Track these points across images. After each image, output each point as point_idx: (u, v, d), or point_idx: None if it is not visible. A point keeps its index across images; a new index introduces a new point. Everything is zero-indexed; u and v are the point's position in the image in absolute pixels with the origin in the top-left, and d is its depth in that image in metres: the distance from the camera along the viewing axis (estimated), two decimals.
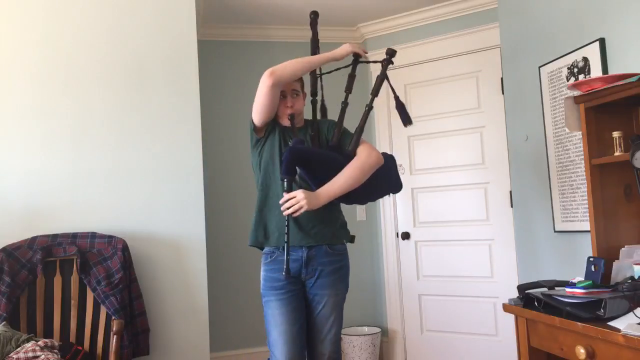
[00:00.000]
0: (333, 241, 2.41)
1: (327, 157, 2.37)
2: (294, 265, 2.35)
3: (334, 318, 2.40)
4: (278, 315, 2.33)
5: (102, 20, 3.01)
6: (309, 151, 2.36)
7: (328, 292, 2.38)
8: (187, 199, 3.03)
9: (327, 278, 2.38)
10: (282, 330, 2.31)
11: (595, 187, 2.25)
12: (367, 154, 2.37)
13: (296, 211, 2.25)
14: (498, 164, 3.70)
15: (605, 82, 2.14)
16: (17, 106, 2.88)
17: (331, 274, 2.38)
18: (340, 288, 2.43)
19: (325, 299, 2.38)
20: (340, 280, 2.43)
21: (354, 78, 2.50)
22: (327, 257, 2.38)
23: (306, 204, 2.24)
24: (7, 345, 2.34)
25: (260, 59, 4.16)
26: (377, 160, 2.39)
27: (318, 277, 2.37)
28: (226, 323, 3.91)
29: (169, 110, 3.05)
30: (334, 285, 2.39)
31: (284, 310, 2.33)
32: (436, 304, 3.94)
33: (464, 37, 3.86)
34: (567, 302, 1.98)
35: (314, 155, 2.35)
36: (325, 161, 2.36)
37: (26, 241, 2.71)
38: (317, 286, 2.37)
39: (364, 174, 2.35)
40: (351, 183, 2.33)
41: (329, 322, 2.39)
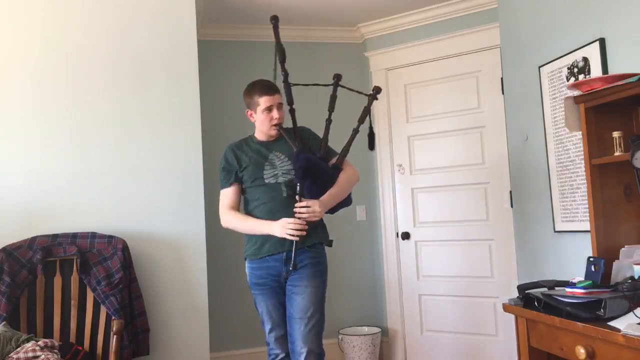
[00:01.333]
0: (312, 242, 2.57)
1: (326, 171, 2.58)
2: (275, 265, 2.55)
3: (313, 311, 2.50)
4: (265, 306, 2.59)
5: (102, 21, 3.01)
6: (317, 161, 2.55)
7: (306, 283, 2.52)
8: (187, 199, 3.03)
9: (305, 271, 2.53)
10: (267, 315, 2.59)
11: (595, 187, 2.25)
12: (354, 171, 2.69)
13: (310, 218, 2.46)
14: (498, 164, 3.70)
15: (605, 82, 2.14)
16: (17, 106, 2.88)
17: (309, 267, 2.54)
18: (319, 282, 2.57)
19: (300, 290, 2.51)
20: (319, 274, 2.58)
21: (335, 98, 2.70)
22: (305, 253, 2.54)
23: (319, 214, 2.48)
24: (7, 345, 2.34)
25: (260, 59, 4.15)
26: (358, 178, 2.74)
27: (297, 272, 2.52)
28: (226, 323, 3.91)
29: (169, 110, 3.05)
30: (312, 277, 2.54)
31: (268, 303, 2.58)
32: (436, 304, 3.94)
33: (464, 37, 3.86)
34: (567, 302, 1.98)
35: (318, 165, 2.54)
36: (325, 173, 2.56)
37: (26, 241, 2.71)
38: (295, 279, 2.53)
39: (351, 187, 2.68)
40: (342, 195, 2.63)
41: (308, 313, 2.49)
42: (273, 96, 2.58)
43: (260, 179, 2.57)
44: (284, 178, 2.55)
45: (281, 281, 2.56)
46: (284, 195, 2.53)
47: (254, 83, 2.66)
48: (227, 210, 2.63)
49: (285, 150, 2.61)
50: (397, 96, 4.13)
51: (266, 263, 2.56)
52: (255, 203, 2.59)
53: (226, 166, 2.65)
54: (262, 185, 2.57)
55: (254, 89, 2.61)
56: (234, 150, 2.67)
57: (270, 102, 2.56)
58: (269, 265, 2.55)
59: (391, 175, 4.16)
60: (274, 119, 2.57)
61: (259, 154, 2.62)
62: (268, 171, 2.57)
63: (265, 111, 2.57)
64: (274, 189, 2.55)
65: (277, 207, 2.52)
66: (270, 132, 2.61)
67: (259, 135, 2.68)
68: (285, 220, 2.46)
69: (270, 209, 2.54)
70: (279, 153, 2.61)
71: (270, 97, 2.57)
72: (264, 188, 2.56)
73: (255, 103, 2.59)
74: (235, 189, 2.64)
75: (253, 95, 2.60)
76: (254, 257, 2.59)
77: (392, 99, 4.16)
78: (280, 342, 2.58)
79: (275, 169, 2.58)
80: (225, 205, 2.64)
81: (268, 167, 2.58)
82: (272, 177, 2.56)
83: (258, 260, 2.57)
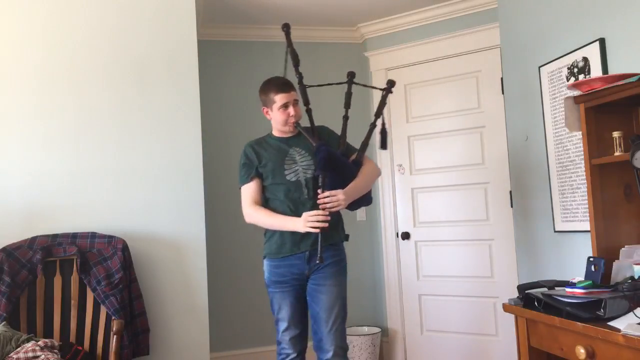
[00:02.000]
0: (334, 241, 2.58)
1: (347, 164, 2.58)
2: (298, 263, 2.54)
3: (339, 309, 2.54)
4: (282, 305, 2.56)
5: (102, 21, 3.00)
6: (338, 155, 2.55)
7: (330, 282, 2.53)
8: (187, 199, 3.03)
9: (328, 269, 2.54)
10: (284, 314, 2.56)
11: (595, 187, 2.25)
12: (374, 165, 2.72)
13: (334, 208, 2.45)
14: (498, 164, 3.70)
15: (605, 82, 2.14)
16: (18, 106, 2.88)
17: (332, 266, 2.55)
18: (342, 280, 2.59)
19: (325, 289, 2.52)
20: (342, 272, 2.60)
21: (351, 95, 2.73)
22: (327, 251, 2.53)
23: (343, 203, 2.47)
24: (7, 345, 2.34)
25: (260, 59, 4.16)
26: (379, 171, 2.79)
27: (319, 271, 2.53)
28: (226, 323, 3.91)
29: (169, 110, 3.05)
30: (336, 276, 2.56)
31: (287, 301, 2.55)
32: (436, 304, 3.94)
33: (464, 37, 3.86)
34: (567, 302, 1.98)
35: (339, 159, 2.54)
36: (345, 167, 2.56)
37: (26, 241, 2.71)
38: (319, 277, 2.53)
39: (372, 181, 2.68)
40: (365, 188, 2.62)
41: (334, 312, 2.52)
42: (289, 93, 2.57)
43: (281, 176, 2.56)
44: (305, 174, 2.55)
45: (303, 279, 2.55)
46: (305, 195, 2.53)
47: (269, 80, 2.64)
48: (250, 205, 2.61)
49: (305, 146, 2.60)
50: (397, 96, 4.12)
51: (288, 261, 2.54)
52: (276, 202, 2.58)
53: (246, 162, 2.63)
54: (282, 183, 2.55)
55: (270, 87, 2.60)
56: (253, 146, 2.65)
57: (286, 99, 2.56)
58: (292, 264, 2.54)
59: (391, 175, 4.16)
60: (290, 116, 2.57)
61: (279, 150, 2.61)
62: (289, 167, 2.56)
63: (282, 108, 2.57)
64: (295, 186, 2.54)
65: (298, 205, 2.52)
66: (288, 129, 2.61)
67: (277, 132, 2.67)
68: (306, 213, 2.45)
69: (291, 207, 2.53)
70: (298, 149, 2.61)
71: (286, 95, 2.56)
72: (285, 186, 2.55)
73: (271, 101, 2.58)
74: (257, 183, 2.61)
75: (269, 93, 2.60)
76: (275, 256, 2.57)
77: (392, 99, 4.15)
78: (293, 342, 2.55)
79: (296, 164, 2.57)
80: (248, 200, 2.62)
81: (289, 163, 2.57)
82: (292, 173, 2.55)
83: (279, 258, 2.56)
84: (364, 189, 2.61)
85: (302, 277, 2.55)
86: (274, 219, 2.55)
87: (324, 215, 2.42)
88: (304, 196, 2.53)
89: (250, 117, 4.10)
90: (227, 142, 4.05)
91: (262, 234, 2.71)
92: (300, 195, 2.54)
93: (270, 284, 2.60)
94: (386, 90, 2.73)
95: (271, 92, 2.59)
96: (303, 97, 2.67)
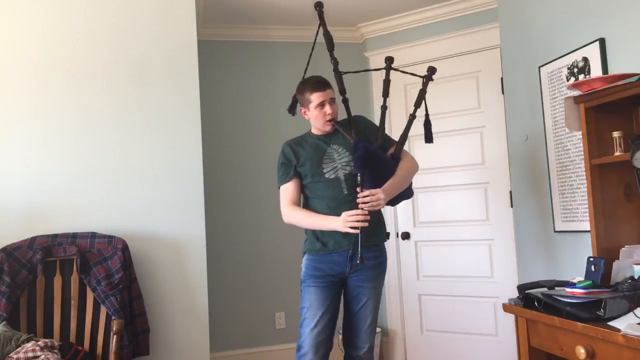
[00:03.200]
0: (376, 241, 2.57)
1: (385, 160, 2.54)
2: (340, 260, 2.50)
3: (376, 310, 2.57)
4: (314, 300, 2.49)
5: (102, 21, 3.01)
6: (376, 151, 2.51)
7: (372, 285, 2.54)
8: (187, 199, 3.03)
9: (368, 272, 2.53)
10: (314, 311, 2.48)
11: (595, 187, 2.25)
12: (412, 159, 2.66)
13: (374, 207, 2.40)
14: (498, 164, 3.70)
15: (605, 82, 2.14)
16: (18, 106, 2.88)
17: (372, 269, 2.54)
18: (381, 282, 2.61)
19: (366, 291, 2.53)
20: (382, 273, 2.61)
21: (389, 83, 2.69)
22: (369, 252, 2.51)
23: (383, 202, 2.43)
24: (7, 345, 2.34)
25: (260, 59, 4.16)
26: (417, 166, 2.70)
27: (360, 272, 2.52)
28: (226, 323, 3.91)
29: (169, 110, 3.05)
30: (375, 278, 2.56)
31: (320, 297, 2.49)
32: (436, 304, 3.94)
33: (464, 37, 3.86)
34: (567, 302, 1.98)
35: (377, 155, 2.51)
36: (384, 163, 2.53)
37: (26, 241, 2.71)
38: (361, 279, 2.52)
39: (411, 176, 2.63)
40: (404, 185, 2.59)
41: (373, 313, 2.55)
42: (325, 91, 2.54)
43: (320, 175, 2.53)
44: (344, 171, 2.52)
45: (342, 278, 2.53)
46: (344, 192, 2.50)
47: (305, 81, 2.62)
48: (289, 205, 2.58)
49: (343, 143, 2.57)
50: (397, 96, 4.12)
51: (330, 258, 2.51)
52: (316, 200, 2.55)
53: (285, 162, 2.61)
54: (321, 181, 2.53)
55: (305, 87, 2.58)
56: (291, 145, 2.63)
57: (322, 98, 2.53)
58: (334, 260, 2.51)
59: None
60: (327, 115, 2.54)
61: (317, 149, 2.58)
62: (327, 165, 2.54)
63: (318, 107, 2.54)
64: (334, 185, 2.52)
65: (338, 203, 2.49)
66: (325, 127, 2.58)
67: (315, 131, 2.65)
68: (345, 213, 2.41)
69: (331, 205, 2.50)
70: (336, 146, 2.58)
71: (321, 93, 2.53)
72: (323, 184, 2.52)
73: (308, 100, 2.56)
74: (295, 183, 2.59)
75: (304, 93, 2.57)
76: (316, 252, 2.53)
77: (392, 99, 4.15)
78: (317, 346, 2.44)
79: (334, 162, 2.54)
80: (286, 200, 2.59)
81: (327, 161, 2.55)
82: (331, 170, 2.53)
83: (321, 254, 2.52)
84: (403, 185, 2.57)
85: (341, 275, 2.52)
86: (313, 219, 2.52)
87: (364, 215, 2.38)
88: (344, 193, 2.50)
89: (251, 117, 4.11)
90: (227, 142, 4.05)
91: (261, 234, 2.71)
92: (339, 193, 2.50)
93: (306, 277, 2.54)
94: (427, 78, 2.65)
95: (307, 91, 2.56)
96: (339, 85, 2.61)
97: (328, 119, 2.55)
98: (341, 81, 2.63)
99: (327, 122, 2.55)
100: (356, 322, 2.54)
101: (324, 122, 2.56)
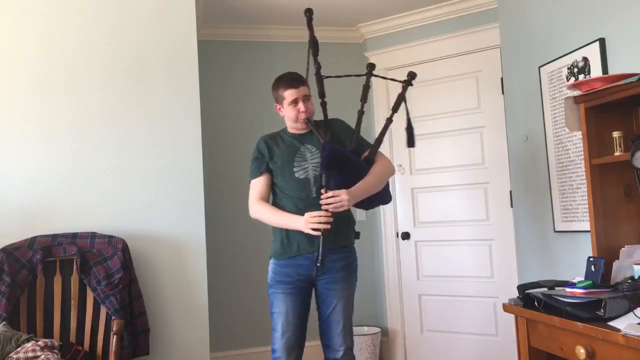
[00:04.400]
0: (344, 243, 2.54)
1: (355, 161, 2.50)
2: (306, 263, 2.48)
3: (349, 311, 2.53)
4: (284, 307, 2.49)
5: (102, 21, 3.01)
6: (344, 153, 2.48)
7: (341, 286, 2.51)
8: (187, 199, 3.03)
9: (337, 274, 2.50)
10: (283, 318, 2.48)
11: (595, 187, 2.25)
12: (387, 162, 2.62)
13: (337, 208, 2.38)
14: (498, 164, 3.70)
15: (605, 82, 2.14)
16: (17, 106, 2.88)
17: (341, 270, 2.51)
18: (352, 283, 2.57)
19: (336, 293, 2.50)
20: (352, 274, 2.57)
21: (369, 88, 2.65)
22: (337, 254, 2.49)
23: (347, 203, 2.39)
24: (7, 345, 2.34)
25: (260, 59, 4.16)
26: (393, 169, 2.66)
27: (329, 274, 2.49)
28: (226, 323, 3.91)
29: (169, 110, 3.05)
30: (344, 280, 2.52)
31: (289, 303, 2.48)
32: (436, 304, 3.94)
33: (464, 37, 3.86)
34: (567, 302, 1.98)
35: (346, 157, 2.47)
36: (353, 165, 2.49)
37: (26, 241, 2.71)
38: (330, 281, 2.50)
39: (384, 180, 2.58)
40: (375, 188, 2.53)
41: (345, 314, 2.51)
42: (298, 89, 2.51)
43: (290, 174, 2.51)
44: (315, 172, 2.49)
45: (310, 281, 2.51)
46: (313, 195, 2.48)
47: (280, 77, 2.59)
48: (257, 200, 2.57)
49: (317, 143, 2.54)
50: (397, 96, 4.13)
51: (296, 261, 2.49)
52: (285, 199, 2.54)
53: (258, 156, 2.59)
54: (291, 180, 2.51)
55: (279, 83, 2.56)
56: (266, 141, 2.61)
57: (295, 95, 2.51)
58: (299, 264, 2.49)
59: None
60: (301, 113, 2.51)
61: (291, 147, 2.56)
62: (299, 165, 2.52)
63: (292, 104, 2.52)
64: (304, 185, 2.50)
65: (306, 204, 2.46)
66: (299, 125, 2.56)
67: (290, 129, 2.63)
68: (308, 214, 2.40)
69: (299, 205, 2.48)
70: (310, 146, 2.56)
71: (295, 90, 2.51)
72: (293, 183, 2.51)
73: (281, 97, 2.54)
74: (266, 179, 2.58)
75: (278, 89, 2.56)
76: (281, 256, 2.52)
77: (392, 99, 4.14)
78: (289, 349, 2.48)
79: (306, 162, 2.53)
80: (255, 195, 2.58)
81: (299, 160, 2.53)
82: (302, 170, 2.51)
83: (286, 258, 2.50)
84: (374, 188, 2.52)
85: (308, 278, 2.50)
86: (279, 217, 2.51)
87: (326, 217, 2.36)
88: (312, 195, 2.48)
89: (251, 117, 4.11)
90: (227, 142, 4.05)
91: (261, 234, 2.71)
92: (308, 194, 2.49)
93: (273, 284, 2.53)
94: (406, 83, 2.64)
95: (280, 88, 2.55)
96: (319, 89, 2.58)
97: (302, 117, 2.52)
98: (322, 85, 2.58)
99: (300, 120, 2.53)
100: (329, 325, 2.50)
101: (297, 119, 2.54)
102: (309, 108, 2.54)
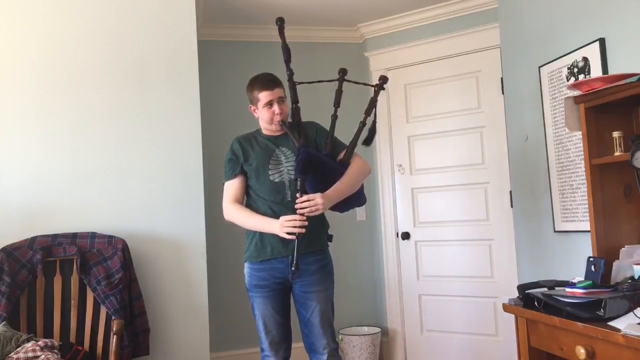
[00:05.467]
0: (318, 247, 2.53)
1: (330, 165, 2.50)
2: (281, 267, 2.48)
3: (328, 312, 2.52)
4: (264, 310, 2.50)
5: (102, 21, 3.00)
6: (319, 156, 2.47)
7: (318, 288, 2.50)
8: (187, 199, 3.03)
9: (313, 276, 2.49)
10: (264, 320, 2.51)
11: (595, 187, 2.25)
12: (362, 163, 2.60)
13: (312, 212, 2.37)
14: (498, 164, 3.70)
15: (605, 82, 2.14)
16: (17, 106, 2.88)
17: (316, 272, 2.50)
18: (329, 284, 2.55)
19: (314, 296, 2.49)
20: (328, 275, 2.55)
21: (341, 93, 2.63)
22: (311, 257, 2.48)
23: (322, 207, 2.38)
24: (7, 345, 2.34)
25: (260, 59, 4.15)
26: (369, 169, 2.64)
27: (304, 277, 2.48)
28: (226, 323, 3.91)
29: (169, 110, 3.05)
30: (322, 281, 2.52)
31: (268, 306, 2.50)
32: (436, 304, 3.94)
33: (464, 37, 3.86)
34: (567, 302, 1.98)
35: (321, 160, 2.46)
36: (328, 168, 2.48)
37: (26, 241, 2.71)
38: (306, 284, 2.49)
39: (359, 181, 2.57)
40: (350, 189, 2.53)
41: (325, 316, 2.50)
42: (272, 90, 2.50)
43: (265, 176, 2.50)
44: (290, 176, 2.48)
45: (286, 284, 2.50)
46: (288, 198, 2.47)
47: (254, 78, 2.59)
48: (231, 203, 2.55)
49: (292, 146, 2.53)
50: (397, 96, 4.13)
51: (270, 265, 2.48)
52: (259, 201, 2.52)
53: (232, 158, 2.58)
54: (266, 183, 2.50)
55: (254, 84, 2.56)
56: (241, 142, 2.60)
57: (270, 97, 2.50)
58: (274, 267, 2.48)
59: (391, 175, 4.16)
60: (275, 115, 2.51)
61: (266, 150, 2.55)
62: (274, 168, 2.51)
63: (266, 106, 2.51)
64: (279, 188, 2.49)
65: (281, 207, 2.46)
66: (274, 127, 2.55)
67: (265, 130, 2.62)
68: (283, 217, 2.39)
69: (274, 208, 2.47)
70: (285, 149, 2.55)
71: (269, 92, 2.50)
72: (268, 187, 2.49)
73: (256, 99, 2.54)
74: (240, 181, 2.56)
75: (253, 91, 2.55)
76: (255, 259, 2.51)
77: (392, 99, 4.17)
78: (275, 348, 2.52)
79: (281, 165, 2.51)
80: (229, 197, 2.56)
81: (274, 163, 2.52)
82: (277, 174, 2.50)
83: (260, 262, 2.50)
84: (348, 190, 2.52)
85: (284, 281, 2.49)
86: (253, 220, 2.49)
87: (301, 220, 2.35)
88: (287, 198, 2.47)
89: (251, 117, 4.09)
90: (227, 142, 4.01)
91: None
92: (283, 198, 2.48)
93: (250, 288, 2.53)
94: (378, 87, 2.63)
95: (255, 89, 2.54)
96: (292, 94, 2.59)
97: (276, 119, 2.51)
98: (295, 91, 2.58)
99: (275, 122, 2.52)
100: (310, 329, 2.49)
101: (271, 121, 2.53)
102: (284, 110, 2.53)
